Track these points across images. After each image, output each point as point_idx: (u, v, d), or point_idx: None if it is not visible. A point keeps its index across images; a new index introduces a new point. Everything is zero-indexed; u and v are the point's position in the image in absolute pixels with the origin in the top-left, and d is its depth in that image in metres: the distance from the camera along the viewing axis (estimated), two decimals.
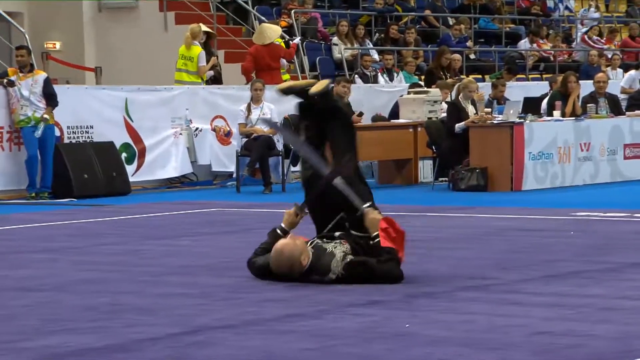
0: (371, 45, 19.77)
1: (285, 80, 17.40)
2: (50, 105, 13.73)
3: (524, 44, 22.19)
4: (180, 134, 15.48)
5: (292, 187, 15.30)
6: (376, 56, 19.30)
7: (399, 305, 6.43)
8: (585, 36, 23.07)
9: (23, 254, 8.94)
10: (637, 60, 21.47)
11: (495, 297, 6.64)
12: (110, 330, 5.80)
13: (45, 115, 13.65)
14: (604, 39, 23.47)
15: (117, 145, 14.74)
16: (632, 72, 19.39)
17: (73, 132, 14.51)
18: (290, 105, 15.91)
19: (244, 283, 7.28)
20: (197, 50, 16.42)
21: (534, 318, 5.99)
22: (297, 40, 17.59)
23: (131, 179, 14.74)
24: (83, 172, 14.11)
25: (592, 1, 25.19)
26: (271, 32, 16.97)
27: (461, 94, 14.96)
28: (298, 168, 16.04)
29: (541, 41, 22.28)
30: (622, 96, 17.81)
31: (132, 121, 15.05)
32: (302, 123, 7.65)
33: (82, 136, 14.58)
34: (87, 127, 14.66)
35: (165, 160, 15.35)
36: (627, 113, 16.04)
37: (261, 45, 16.75)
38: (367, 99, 16.64)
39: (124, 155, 14.83)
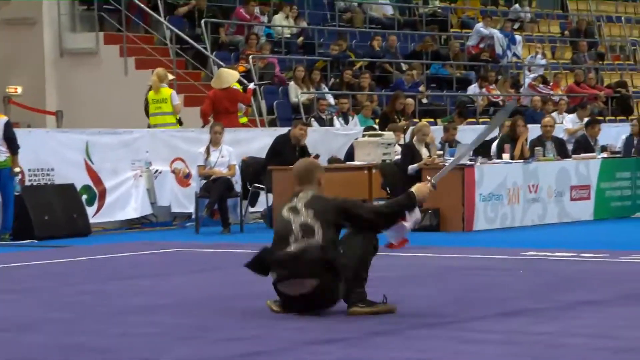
0: (327, 90, 19.89)
1: (243, 123, 17.43)
2: (11, 150, 13.65)
3: (473, 88, 22.43)
4: (140, 175, 15.45)
5: (250, 227, 15.31)
6: (332, 100, 19.42)
7: (355, 343, 6.45)
8: (532, 82, 23.36)
9: None
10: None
11: (449, 335, 6.68)
12: None
13: (16, 169, 13.61)
14: (550, 84, 23.78)
15: (78, 187, 14.67)
16: (571, 115, 19.68)
17: (34, 174, 14.43)
18: (247, 148, 16.02)
19: (204, 322, 7.27)
20: (168, 91, 16.52)
21: (487, 355, 6.03)
22: (251, 85, 17.66)
23: (92, 220, 14.66)
24: (44, 214, 14.02)
25: (539, 48, 25.53)
26: (229, 76, 17.03)
27: (415, 137, 15.08)
28: (256, 209, 16.08)
29: (491, 86, 22.53)
30: (566, 136, 18.05)
31: (92, 163, 15.00)
32: None
33: (43, 178, 14.51)
34: (48, 170, 14.58)
35: (126, 201, 15.30)
36: (573, 156, 16.22)
37: (219, 89, 16.80)
38: (323, 141, 16.72)
39: (84, 196, 14.76)
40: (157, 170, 15.62)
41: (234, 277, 9.84)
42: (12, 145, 13.70)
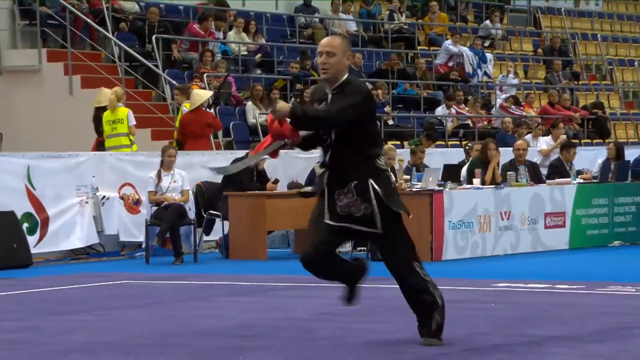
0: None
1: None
2: None
3: (442, 109, 22.51)
4: (86, 202, 15.35)
5: (204, 257, 15.23)
6: None
7: None
8: (504, 103, 23.48)
9: None
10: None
11: None
12: None
13: None
14: (522, 105, 23.88)
15: (18, 215, 14.55)
16: (546, 137, 19.85)
17: None
18: (201, 173, 15.97)
19: None
20: (124, 110, 16.54)
21: None
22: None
23: (33, 251, 14.53)
24: None
25: (511, 67, 25.67)
26: (196, 96, 17.08)
27: None
28: (211, 237, 16.01)
29: (461, 106, 22.62)
30: (541, 159, 18.17)
31: (34, 189, 14.88)
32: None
33: None
34: None
35: (70, 230, 15.19)
36: (547, 181, 16.29)
37: (189, 111, 16.86)
38: (283, 165, 16.70)
39: (25, 225, 14.64)
40: (104, 197, 15.53)
41: (184, 311, 9.78)
42: None
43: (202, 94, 17.21)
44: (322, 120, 7.16)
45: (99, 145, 16.84)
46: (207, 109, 17.34)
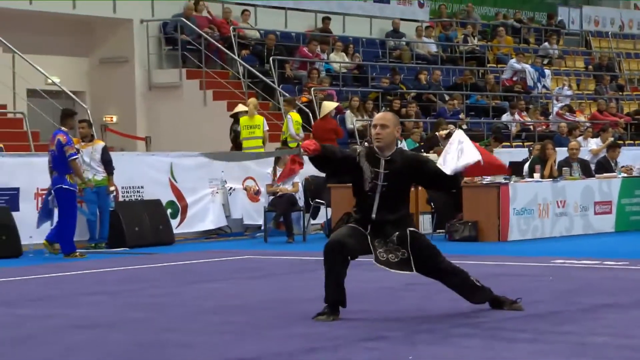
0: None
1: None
2: (107, 171, 13.76)
3: (507, 116, 22.21)
4: (217, 192, 15.49)
5: (312, 237, 15.27)
6: None
7: (404, 341, 6.37)
8: (560, 110, 23.10)
9: (80, 296, 8.90)
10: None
11: (485, 334, 6.57)
12: None
13: (111, 188, 13.73)
14: (575, 112, 23.48)
15: (164, 203, 14.75)
16: (596, 139, 19.47)
17: (126, 191, 14.54)
18: (309, 168, 15.98)
19: (272, 321, 7.23)
20: (260, 118, 16.75)
21: (518, 352, 5.93)
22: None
23: (175, 231, 14.72)
24: (134, 226, 14.11)
25: (566, 81, 25.26)
26: (324, 106, 17.35)
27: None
28: (317, 221, 16.03)
29: (523, 113, 22.29)
30: (591, 157, 17.82)
31: (176, 182, 15.08)
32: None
33: (134, 195, 14.61)
34: (138, 188, 14.69)
35: (204, 215, 15.35)
36: (596, 175, 15.98)
37: (319, 119, 17.02)
38: None
39: (169, 210, 14.83)
40: (231, 188, 15.66)
41: (297, 282, 9.81)
42: (109, 167, 13.82)
43: (329, 105, 17.38)
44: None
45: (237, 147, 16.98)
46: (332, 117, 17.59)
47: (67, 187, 12.66)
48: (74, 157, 12.71)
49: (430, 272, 7.23)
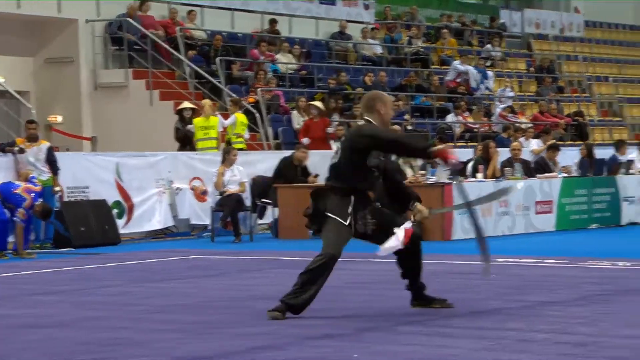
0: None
1: (241, 149, 17.35)
2: (52, 171, 13.65)
3: (451, 117, 22.42)
4: (164, 192, 15.43)
5: (259, 237, 15.28)
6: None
7: (350, 339, 6.43)
8: (502, 112, 23.38)
9: (30, 296, 8.84)
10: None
11: (431, 331, 6.66)
12: None
13: (57, 188, 13.60)
14: (517, 113, 23.78)
15: (110, 203, 14.66)
16: (536, 139, 19.71)
17: (72, 191, 14.42)
18: (256, 168, 16.02)
19: (218, 320, 7.25)
20: (216, 119, 16.71)
21: (463, 349, 6.02)
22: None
23: (121, 231, 14.64)
24: (80, 226, 14.01)
25: (508, 83, 25.56)
26: (313, 107, 17.65)
27: (401, 159, 15.07)
28: (264, 221, 16.05)
29: (466, 114, 22.52)
30: (532, 157, 18.05)
31: (122, 182, 14.99)
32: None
33: (79, 195, 14.50)
34: (84, 188, 14.58)
35: (151, 214, 15.28)
36: (537, 175, 16.21)
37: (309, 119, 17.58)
38: (321, 163, 16.71)
39: (115, 210, 14.74)
40: (178, 188, 15.61)
41: (244, 281, 9.83)
42: (54, 167, 13.71)
43: (317, 105, 17.65)
44: None
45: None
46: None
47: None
48: None
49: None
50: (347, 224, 7.15)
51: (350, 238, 7.22)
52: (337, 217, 7.14)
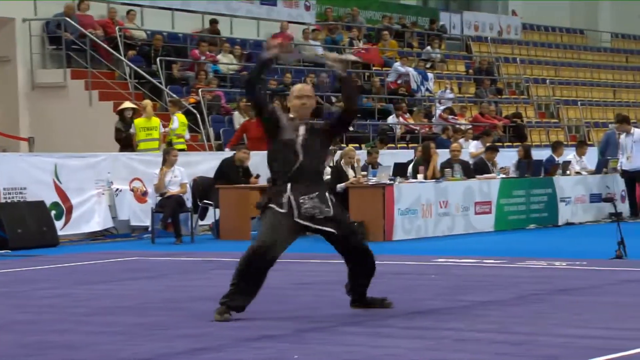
0: None
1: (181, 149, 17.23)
2: None
3: (392, 118, 22.54)
4: (103, 193, 15.27)
5: (200, 238, 15.20)
6: None
7: (291, 339, 6.43)
8: (442, 113, 23.56)
9: None
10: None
11: (371, 331, 6.69)
12: None
13: None
14: (457, 115, 23.99)
15: (48, 204, 14.46)
16: (476, 141, 19.86)
17: (9, 193, 14.19)
18: (197, 169, 15.94)
19: (160, 321, 7.20)
20: (157, 120, 16.61)
21: (403, 348, 6.05)
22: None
23: (60, 233, 14.45)
24: (17, 227, 13.79)
25: (448, 84, 25.78)
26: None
27: (342, 160, 15.13)
28: (205, 222, 15.96)
29: (407, 115, 22.65)
30: (470, 159, 18.20)
31: (60, 183, 14.80)
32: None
33: (16, 196, 14.27)
34: (21, 189, 14.36)
35: (90, 216, 15.12)
36: (476, 176, 16.36)
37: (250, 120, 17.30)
38: (263, 163, 16.68)
39: (53, 212, 14.55)
40: (117, 189, 15.46)
41: (185, 282, 9.77)
42: None
43: None
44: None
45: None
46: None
47: None
48: None
49: (349, 247, 7.33)
50: (283, 211, 7.11)
51: (291, 225, 7.13)
52: (273, 206, 7.12)
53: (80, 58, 19.27)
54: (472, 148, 19.38)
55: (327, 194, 7.31)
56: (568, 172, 17.72)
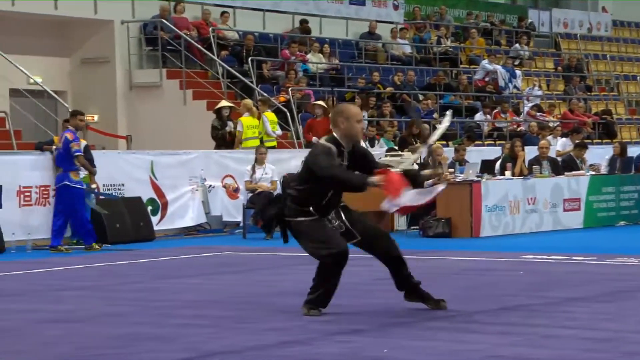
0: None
1: (273, 146, 17.27)
2: (89, 169, 13.68)
3: (479, 116, 22.26)
4: (197, 190, 15.43)
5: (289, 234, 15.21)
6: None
7: (377, 334, 6.36)
8: (531, 110, 23.17)
9: (61, 291, 8.85)
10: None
11: (456, 326, 6.58)
12: (132, 356, 5.72)
13: (93, 186, 13.62)
14: (545, 112, 23.57)
15: (144, 200, 14.68)
16: (564, 139, 19.46)
17: (107, 189, 14.45)
18: (287, 165, 15.98)
19: (248, 315, 7.21)
20: (257, 120, 16.77)
21: (488, 344, 5.93)
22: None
23: (155, 228, 14.65)
24: (116, 222, 14.02)
25: (536, 82, 25.34)
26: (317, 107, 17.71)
27: (430, 157, 14.95)
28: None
29: (497, 110, 22.34)
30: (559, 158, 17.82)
31: (156, 180, 15.00)
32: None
33: (115, 192, 14.52)
34: (119, 185, 14.61)
35: (184, 212, 15.29)
36: (565, 173, 16.04)
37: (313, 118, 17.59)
38: None
39: (149, 208, 14.76)
40: (210, 185, 15.60)
41: (275, 276, 9.79)
42: (90, 165, 13.72)
43: (321, 104, 17.80)
44: None
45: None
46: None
47: (70, 184, 12.79)
48: (79, 153, 12.83)
49: (381, 253, 7.18)
50: (315, 217, 7.04)
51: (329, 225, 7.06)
52: (305, 218, 7.03)
53: (175, 59, 19.51)
54: (559, 147, 18.95)
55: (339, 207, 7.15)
56: None
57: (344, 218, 7.17)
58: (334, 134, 7.12)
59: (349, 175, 7.06)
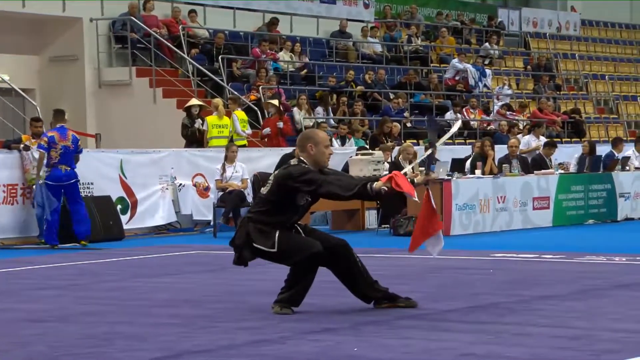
0: (330, 115, 19.85)
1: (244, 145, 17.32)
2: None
3: (450, 114, 22.38)
4: (167, 188, 15.40)
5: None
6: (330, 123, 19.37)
7: (348, 332, 6.40)
8: (500, 109, 23.32)
9: (33, 291, 8.81)
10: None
11: (428, 325, 6.63)
12: (106, 355, 5.72)
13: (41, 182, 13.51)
14: (515, 111, 23.74)
15: (114, 199, 14.63)
16: (527, 136, 19.50)
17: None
18: (258, 164, 15.98)
19: (221, 314, 7.22)
20: (228, 120, 16.74)
21: (460, 342, 5.99)
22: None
23: (125, 227, 14.61)
24: None
25: (506, 81, 25.52)
26: (270, 106, 17.72)
27: (400, 156, 15.04)
28: None
29: (467, 107, 22.46)
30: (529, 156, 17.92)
31: (126, 178, 14.96)
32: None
33: (84, 191, 14.45)
34: (88, 184, 14.55)
35: (154, 210, 15.25)
36: (534, 172, 16.17)
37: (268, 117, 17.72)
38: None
39: (119, 206, 14.71)
40: (180, 184, 15.58)
41: (247, 275, 9.79)
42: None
43: (274, 103, 17.67)
44: None
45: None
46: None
47: (78, 180, 13.29)
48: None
49: (342, 269, 7.22)
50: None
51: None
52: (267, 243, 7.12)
53: (145, 57, 19.45)
54: (522, 145, 18.95)
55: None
56: (627, 167, 17.41)
57: (300, 230, 7.27)
58: (301, 158, 7.14)
59: (346, 183, 7.05)
